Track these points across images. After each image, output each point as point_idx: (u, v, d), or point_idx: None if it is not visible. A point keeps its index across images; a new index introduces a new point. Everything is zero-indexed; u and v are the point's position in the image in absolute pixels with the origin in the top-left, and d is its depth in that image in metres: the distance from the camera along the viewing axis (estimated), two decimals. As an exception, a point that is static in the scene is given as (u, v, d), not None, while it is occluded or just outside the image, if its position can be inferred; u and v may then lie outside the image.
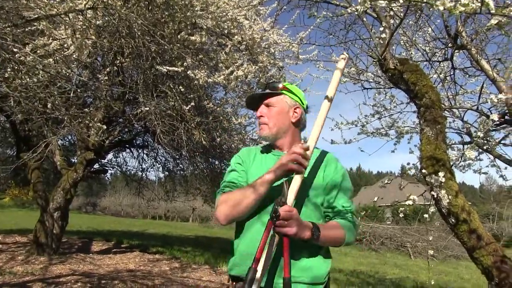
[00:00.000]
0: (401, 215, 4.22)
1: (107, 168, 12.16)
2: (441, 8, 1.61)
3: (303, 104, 2.15)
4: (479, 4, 1.58)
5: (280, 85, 2.11)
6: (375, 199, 7.79)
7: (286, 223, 1.64)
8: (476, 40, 4.30)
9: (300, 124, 2.14)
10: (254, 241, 1.80)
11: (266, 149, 2.13)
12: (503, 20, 1.82)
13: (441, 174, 3.09)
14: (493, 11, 1.64)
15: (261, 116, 2.08)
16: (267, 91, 2.10)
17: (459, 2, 1.60)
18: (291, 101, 2.09)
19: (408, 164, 4.24)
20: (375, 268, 14.11)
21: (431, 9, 1.62)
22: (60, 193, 8.55)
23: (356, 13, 2.17)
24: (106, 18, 5.58)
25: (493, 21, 1.88)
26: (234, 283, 1.94)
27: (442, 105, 4.23)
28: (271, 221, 1.64)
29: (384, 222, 26.67)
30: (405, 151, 5.50)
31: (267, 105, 2.08)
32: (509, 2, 2.02)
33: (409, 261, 17.32)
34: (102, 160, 10.73)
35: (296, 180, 1.77)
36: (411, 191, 4.03)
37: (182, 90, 6.64)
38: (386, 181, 5.58)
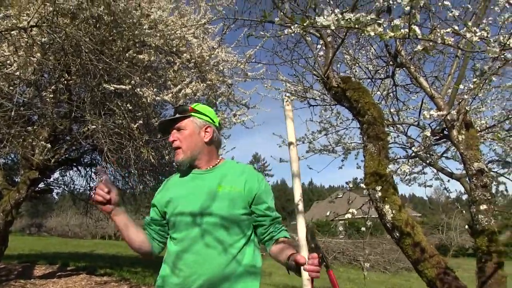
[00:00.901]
0: (363, 228, 4.27)
1: (53, 187, 11.77)
2: (372, 34, 1.73)
3: (214, 122, 2.23)
4: (407, 30, 1.70)
5: (188, 108, 2.18)
6: (328, 213, 7.96)
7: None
8: (414, 58, 4.50)
9: (213, 142, 2.21)
10: (196, 266, 1.96)
11: (188, 171, 2.19)
12: (428, 46, 1.96)
13: (378, 188, 3.22)
14: (420, 36, 1.77)
15: (174, 140, 2.14)
16: (177, 115, 2.16)
17: (389, 28, 1.72)
18: (200, 121, 2.17)
19: (356, 179, 4.37)
20: (328, 283, 14.22)
21: (362, 34, 1.72)
22: (0, 215, 8.20)
23: (298, 32, 2.26)
24: (51, 36, 5.48)
25: (420, 47, 2.01)
26: None
27: (385, 121, 4.41)
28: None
29: (336, 236, 27.05)
30: (353, 165, 5.67)
31: (178, 129, 2.15)
32: (436, 25, 2.17)
33: (362, 275, 17.59)
34: (48, 179, 10.40)
35: (302, 226, 1.83)
36: (363, 203, 4.17)
37: (130, 108, 6.57)
38: (335, 196, 5.71)
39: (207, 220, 1.97)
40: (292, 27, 2.19)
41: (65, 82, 6.53)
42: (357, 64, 5.34)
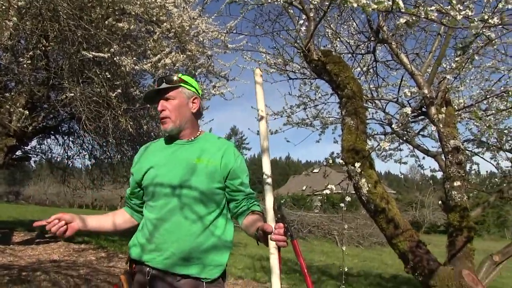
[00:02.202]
0: (341, 204, 4.30)
1: (30, 155, 11.63)
2: (355, 5, 1.72)
3: (199, 93, 2.24)
4: (390, 3, 1.69)
5: (176, 78, 2.16)
6: (304, 188, 8.04)
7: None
8: (396, 35, 4.50)
9: (199, 114, 2.24)
10: (170, 234, 1.99)
11: (168, 140, 2.20)
12: (411, 20, 1.95)
13: (357, 164, 3.25)
14: (403, 10, 1.77)
15: (163, 110, 2.12)
16: (164, 85, 2.14)
17: (373, 0, 1.71)
18: (189, 92, 2.17)
19: (333, 153, 4.39)
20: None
21: (345, 6, 1.71)
22: (-23, 182, 8.09)
23: (280, 3, 2.23)
24: (28, -1, 5.34)
25: (402, 20, 2.01)
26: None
27: (364, 97, 4.42)
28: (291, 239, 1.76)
29: (312, 210, 27.40)
30: (331, 140, 5.69)
31: (167, 99, 2.13)
32: (421, 3, 2.16)
33: (336, 248, 17.91)
34: (25, 147, 10.26)
35: (270, 198, 1.85)
36: (339, 180, 4.21)
37: (108, 76, 6.48)
38: (311, 170, 5.74)
39: (186, 192, 1.98)
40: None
41: (43, 48, 6.39)
42: (338, 39, 5.32)
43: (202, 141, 2.17)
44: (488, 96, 5.50)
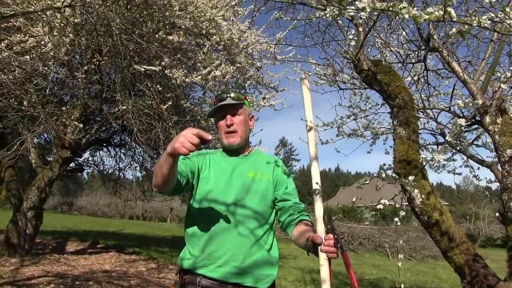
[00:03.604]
0: (396, 219, 4.14)
1: (83, 167, 12.04)
2: (407, 16, 1.70)
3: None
4: (442, 13, 1.66)
5: (242, 96, 2.25)
6: (354, 199, 7.95)
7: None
8: (447, 43, 4.41)
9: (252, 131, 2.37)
10: (223, 245, 2.00)
11: (226, 154, 2.26)
12: (463, 29, 1.91)
13: (411, 178, 3.18)
14: (455, 19, 1.73)
15: (232, 124, 2.17)
16: (230, 101, 2.17)
17: (424, 10, 1.68)
18: (249, 110, 2.29)
19: (384, 165, 4.31)
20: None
21: (396, 17, 1.70)
22: (35, 192, 8.44)
23: (329, 17, 2.23)
24: (84, 16, 5.56)
25: (454, 30, 1.97)
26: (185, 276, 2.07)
27: (416, 106, 4.34)
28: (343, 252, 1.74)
29: (362, 222, 26.93)
30: (381, 151, 5.59)
31: (234, 114, 2.19)
32: (472, 12, 2.12)
33: (387, 261, 17.51)
34: (79, 159, 10.65)
35: (319, 208, 1.85)
36: (389, 191, 4.13)
37: (159, 89, 6.65)
38: (363, 182, 5.66)
39: (240, 211, 2.04)
40: (328, 9, 2.17)
41: (97, 62, 6.63)
42: (388, 48, 5.25)
43: (254, 156, 2.27)
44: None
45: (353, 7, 1.91)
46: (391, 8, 1.72)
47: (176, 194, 2.16)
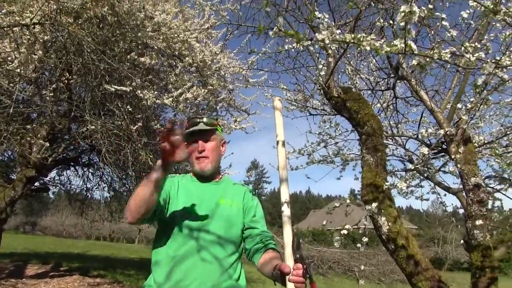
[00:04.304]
0: (359, 245, 4.18)
1: (49, 186, 11.73)
2: (368, 48, 1.74)
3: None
4: (403, 46, 1.71)
5: (215, 122, 2.25)
6: (324, 222, 7.96)
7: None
8: (416, 71, 4.51)
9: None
10: (190, 272, 1.95)
11: (197, 179, 2.24)
12: (423, 61, 1.96)
13: (374, 204, 3.22)
14: (416, 52, 1.78)
15: (203, 150, 2.17)
16: (203, 126, 2.18)
17: (386, 43, 1.72)
18: (220, 136, 2.29)
19: (354, 191, 4.35)
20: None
21: (358, 48, 1.73)
22: (-6, 213, 8.15)
23: (300, 47, 2.27)
24: (54, 34, 5.48)
25: (414, 62, 2.02)
26: None
27: (384, 133, 4.41)
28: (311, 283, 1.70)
29: (332, 246, 26.94)
30: (352, 176, 5.66)
31: (206, 140, 2.19)
32: (435, 45, 2.17)
33: (356, 286, 17.51)
34: (44, 178, 10.37)
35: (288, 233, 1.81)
36: (360, 214, 4.15)
37: (130, 109, 6.57)
38: (332, 207, 5.68)
39: (204, 236, 2.01)
40: (294, 44, 2.21)
41: (66, 81, 6.52)
42: (358, 75, 5.35)
43: (224, 183, 2.26)
44: (508, 133, 5.45)
45: (311, 40, 1.93)
46: (352, 40, 1.75)
47: (149, 222, 2.12)
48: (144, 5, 5.83)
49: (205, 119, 2.20)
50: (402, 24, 1.72)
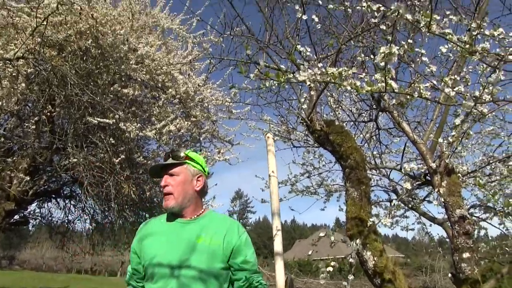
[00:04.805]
0: (344, 283, 4.17)
1: (29, 219, 11.46)
2: (349, 88, 1.75)
3: (205, 172, 2.24)
4: (384, 85, 1.72)
5: (183, 155, 2.17)
6: (310, 252, 7.89)
7: None
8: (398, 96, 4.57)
9: (203, 192, 2.22)
10: None
11: (170, 217, 2.16)
12: (404, 100, 1.99)
13: (358, 241, 3.20)
14: (396, 90, 1.79)
15: (166, 186, 2.11)
16: (170, 161, 2.15)
17: (366, 82, 1.74)
18: (194, 170, 2.17)
19: (338, 220, 4.34)
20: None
21: (338, 89, 1.75)
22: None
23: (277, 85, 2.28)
24: (37, 68, 5.46)
25: (395, 101, 2.04)
26: None
27: (368, 165, 4.43)
28: None
29: (318, 276, 26.61)
30: (336, 206, 5.65)
31: (171, 175, 2.12)
32: (415, 80, 2.20)
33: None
34: (24, 211, 10.15)
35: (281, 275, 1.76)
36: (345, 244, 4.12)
37: (113, 142, 6.51)
38: (317, 238, 5.65)
39: (185, 272, 1.93)
40: (272, 81, 2.22)
41: (49, 113, 6.46)
42: (341, 107, 5.40)
43: (205, 219, 2.13)
44: (491, 162, 5.51)
45: (293, 80, 1.95)
46: (332, 80, 1.77)
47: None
48: (128, 38, 5.86)
49: (172, 154, 2.17)
50: (382, 64, 1.74)
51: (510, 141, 5.29)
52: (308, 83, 1.84)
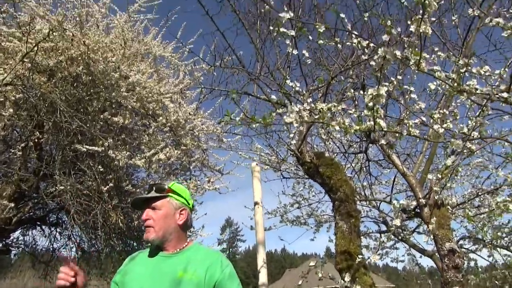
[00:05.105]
0: None
1: (11, 248, 11.21)
2: (337, 128, 1.74)
3: (189, 205, 2.20)
4: (372, 123, 1.72)
5: (166, 188, 2.15)
6: (300, 282, 7.80)
7: None
8: (387, 135, 4.59)
9: (186, 226, 2.18)
10: None
11: (153, 251, 2.12)
12: (393, 140, 1.99)
13: (347, 278, 3.18)
14: (385, 129, 1.79)
15: (147, 219, 2.08)
16: (152, 193, 2.13)
17: (354, 121, 1.74)
18: (176, 203, 2.14)
19: (329, 249, 4.32)
20: None
21: (326, 128, 1.76)
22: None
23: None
24: (25, 94, 5.43)
25: (383, 141, 2.04)
26: None
27: (358, 196, 4.42)
28: None
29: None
30: (327, 235, 5.63)
31: (153, 208, 2.10)
32: (405, 115, 2.21)
33: None
34: (6, 240, 9.94)
35: None
36: (335, 272, 4.07)
37: (101, 169, 6.44)
38: (309, 266, 5.60)
39: None
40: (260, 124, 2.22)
41: (36, 140, 6.40)
42: (331, 138, 5.42)
43: (188, 253, 2.09)
44: (479, 194, 5.54)
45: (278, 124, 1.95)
46: (321, 120, 1.76)
47: None
48: (120, 65, 5.86)
49: (155, 187, 2.15)
50: (371, 104, 1.74)
51: (498, 174, 5.32)
52: (296, 125, 1.84)
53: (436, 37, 4.06)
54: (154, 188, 2.14)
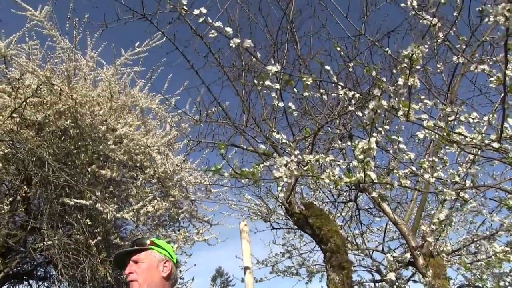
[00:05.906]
0: None
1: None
2: (327, 180, 1.71)
3: (173, 258, 2.15)
4: (363, 175, 1.69)
5: (148, 241, 2.11)
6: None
7: None
8: (378, 187, 4.57)
9: (171, 278, 2.10)
10: None
11: None
12: (383, 194, 1.96)
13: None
14: (376, 181, 1.76)
15: (130, 273, 2.02)
16: (135, 247, 2.08)
17: (345, 173, 1.71)
18: (159, 255, 2.08)
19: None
20: None
21: (317, 181, 1.72)
22: None
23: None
24: (14, 150, 5.40)
25: (375, 194, 2.01)
26: None
27: (350, 246, 4.34)
28: None
29: None
30: (319, 285, 5.49)
31: (136, 262, 2.04)
32: (394, 168, 2.18)
33: None
34: (-9, 297, 9.63)
35: None
36: None
37: (89, 223, 6.34)
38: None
39: None
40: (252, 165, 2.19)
41: (24, 194, 6.31)
42: (320, 188, 5.38)
43: None
44: (475, 240, 5.46)
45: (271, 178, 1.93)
46: (310, 173, 1.73)
47: None
48: (107, 118, 5.86)
49: (137, 241, 2.11)
50: (361, 157, 1.72)
51: (493, 219, 5.26)
52: (285, 179, 1.81)
53: (422, 84, 4.10)
54: (136, 243, 2.10)
